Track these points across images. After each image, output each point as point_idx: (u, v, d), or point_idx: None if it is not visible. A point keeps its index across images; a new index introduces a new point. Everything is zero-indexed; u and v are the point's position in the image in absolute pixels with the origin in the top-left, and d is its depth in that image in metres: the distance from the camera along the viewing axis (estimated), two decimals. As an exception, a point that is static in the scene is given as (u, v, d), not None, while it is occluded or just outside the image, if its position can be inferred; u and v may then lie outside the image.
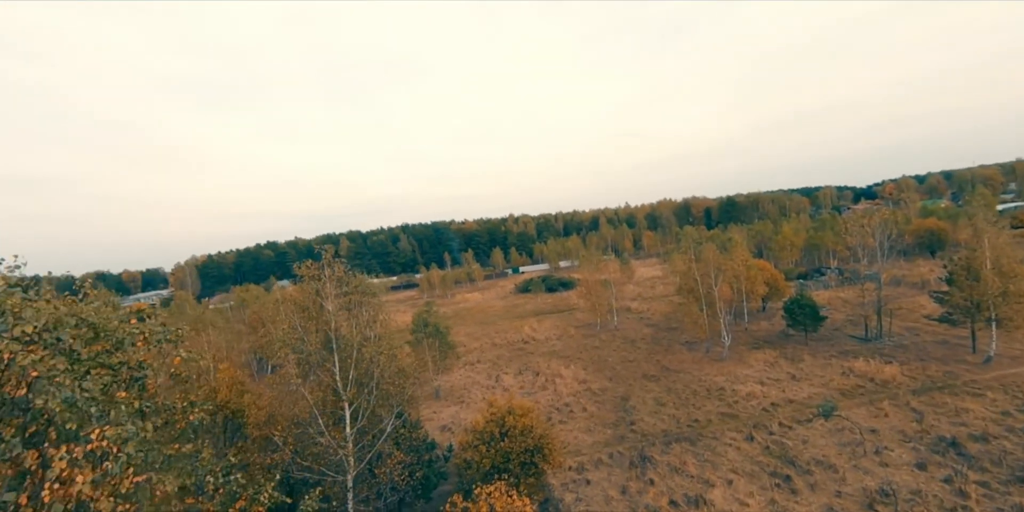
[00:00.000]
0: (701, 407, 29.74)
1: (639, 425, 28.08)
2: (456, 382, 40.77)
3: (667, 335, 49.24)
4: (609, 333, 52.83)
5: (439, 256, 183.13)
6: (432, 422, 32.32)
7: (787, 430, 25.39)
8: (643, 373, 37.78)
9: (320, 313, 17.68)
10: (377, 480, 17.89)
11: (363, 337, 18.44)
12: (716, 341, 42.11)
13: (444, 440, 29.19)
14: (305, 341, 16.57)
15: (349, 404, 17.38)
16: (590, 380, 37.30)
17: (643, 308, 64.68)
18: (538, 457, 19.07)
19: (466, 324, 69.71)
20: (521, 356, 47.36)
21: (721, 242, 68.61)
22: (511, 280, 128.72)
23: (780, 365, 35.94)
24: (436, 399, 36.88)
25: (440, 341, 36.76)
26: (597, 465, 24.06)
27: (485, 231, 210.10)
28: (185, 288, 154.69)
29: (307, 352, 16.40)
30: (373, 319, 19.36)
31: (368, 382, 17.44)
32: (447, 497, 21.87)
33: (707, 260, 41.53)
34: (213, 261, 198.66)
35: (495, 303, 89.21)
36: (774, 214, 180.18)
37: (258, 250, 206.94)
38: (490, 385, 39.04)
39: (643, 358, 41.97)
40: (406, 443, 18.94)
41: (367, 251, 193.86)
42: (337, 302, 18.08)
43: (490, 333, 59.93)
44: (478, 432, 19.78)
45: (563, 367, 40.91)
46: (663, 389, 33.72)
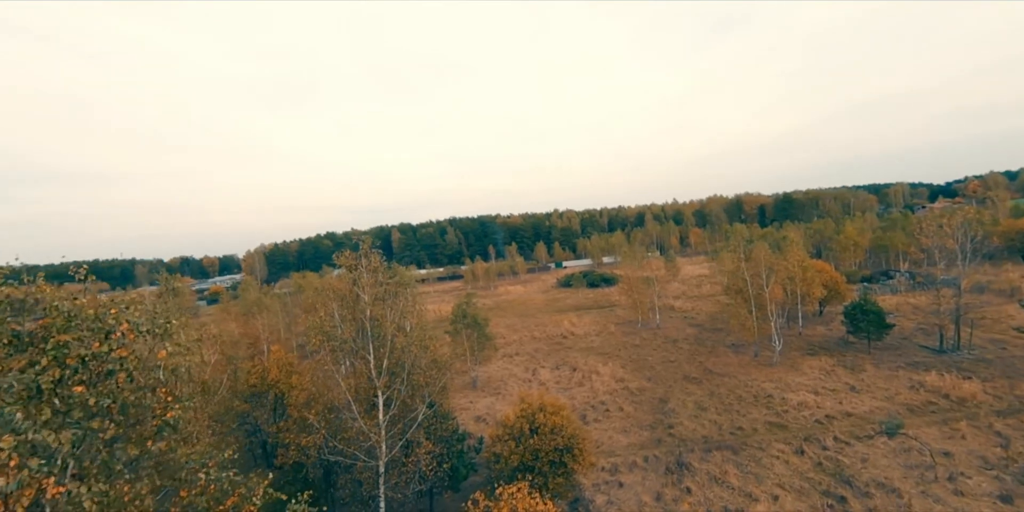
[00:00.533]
0: (746, 414, 27.57)
1: (678, 429, 26.45)
2: (493, 373, 40.53)
3: (712, 336, 46.43)
4: (650, 331, 50.64)
5: (484, 249, 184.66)
6: (468, 412, 32.24)
7: (844, 446, 22.92)
8: (684, 375, 35.73)
9: (356, 302, 17.68)
10: (408, 467, 17.79)
11: (397, 327, 18.30)
12: (766, 345, 39.12)
13: (478, 430, 28.97)
14: (341, 329, 16.60)
15: (382, 392, 17.33)
16: (628, 379, 35.76)
17: (687, 307, 61.55)
18: (567, 457, 18.22)
19: (507, 316, 69.50)
20: (559, 351, 46.39)
21: (775, 241, 63.81)
22: (553, 274, 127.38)
23: (837, 374, 32.72)
24: (473, 389, 36.80)
25: (478, 332, 36.53)
26: (631, 468, 22.84)
27: (530, 225, 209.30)
28: (254, 273, 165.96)
29: (342, 340, 16.42)
30: (407, 310, 19.18)
31: (400, 372, 17.28)
32: (477, 489, 21.60)
33: (758, 259, 38.50)
34: (279, 249, 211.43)
35: (536, 296, 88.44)
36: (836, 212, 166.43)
37: (318, 240, 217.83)
38: (527, 378, 38.45)
39: (685, 359, 39.75)
40: (436, 434, 18.69)
41: (416, 243, 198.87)
42: (372, 292, 18.01)
43: (530, 326, 59.31)
44: (508, 427, 19.20)
45: (601, 364, 39.56)
46: (705, 392, 31.66)
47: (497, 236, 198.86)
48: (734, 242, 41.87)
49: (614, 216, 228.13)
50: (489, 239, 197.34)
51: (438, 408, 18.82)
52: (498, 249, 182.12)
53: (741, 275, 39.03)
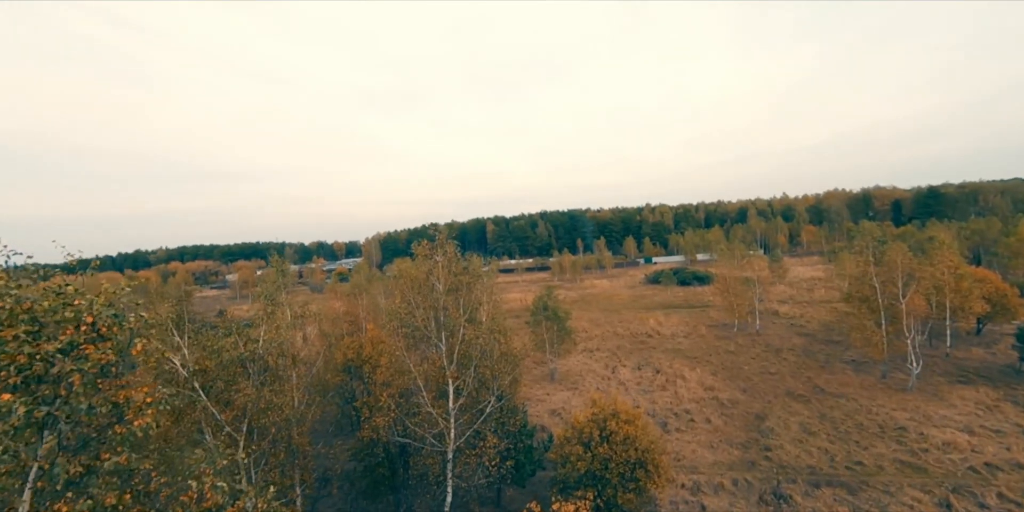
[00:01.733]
0: (869, 447, 22.26)
1: (777, 453, 22.28)
2: (572, 367, 38.73)
3: (825, 349, 39.11)
4: (748, 337, 44.41)
5: (573, 242, 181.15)
6: (543, 404, 31.02)
7: (1014, 507, 17.13)
8: (787, 390, 30.36)
9: (431, 292, 17.24)
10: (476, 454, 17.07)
11: (468, 318, 17.52)
12: (897, 365, 31.72)
13: (552, 424, 27.62)
14: (414, 316, 16.27)
15: (452, 380, 16.74)
16: (718, 388, 31.46)
17: (795, 313, 53.02)
18: (640, 472, 15.97)
19: (590, 310, 66.75)
20: (642, 350, 42.86)
21: (917, 242, 51.90)
22: (641, 270, 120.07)
23: (1003, 411, 25.05)
24: (551, 381, 35.46)
25: (558, 325, 34.95)
26: (717, 490, 19.66)
27: (619, 220, 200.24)
28: (370, 258, 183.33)
29: (414, 327, 16.08)
30: (479, 302, 18.32)
31: (468, 363, 16.50)
32: (544, 486, 20.30)
33: (893, 263, 31.07)
34: (390, 237, 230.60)
35: (622, 292, 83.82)
36: (1004, 209, 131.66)
37: (423, 230, 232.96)
38: (606, 375, 36.01)
39: (789, 372, 33.89)
40: (504, 427, 17.68)
41: (508, 234, 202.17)
42: (446, 282, 17.42)
43: (613, 322, 56.06)
44: (576, 430, 17.47)
45: (688, 368, 35.50)
46: (814, 414, 26.42)
47: (586, 230, 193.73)
48: (861, 242, 34.27)
49: (712, 211, 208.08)
50: (578, 233, 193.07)
51: (507, 401, 17.76)
52: (586, 243, 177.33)
53: (869, 281, 31.88)
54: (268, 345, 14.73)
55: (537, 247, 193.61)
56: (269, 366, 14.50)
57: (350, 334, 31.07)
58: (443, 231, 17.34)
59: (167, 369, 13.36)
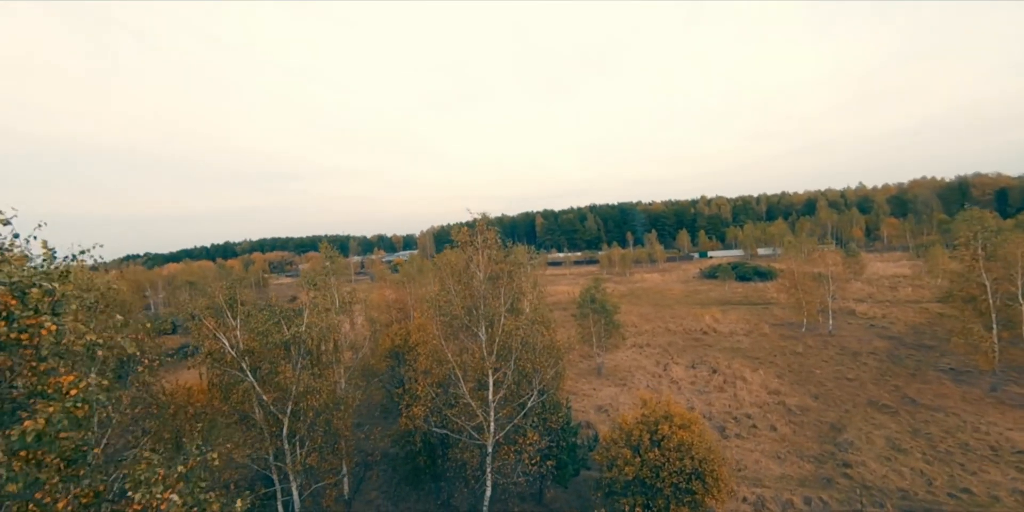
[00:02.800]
0: (977, 472, 18.45)
1: (859, 471, 19.11)
2: (621, 362, 36.54)
3: (915, 354, 33.77)
4: (818, 338, 39.58)
5: (622, 236, 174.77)
6: (589, 399, 29.33)
7: None
8: (869, 399, 26.34)
9: (470, 279, 16.21)
10: (516, 450, 15.96)
11: (509, 308, 16.31)
12: (1013, 377, 26.49)
13: (598, 420, 25.94)
14: (452, 304, 15.33)
15: (492, 372, 15.69)
16: (785, 392, 28.02)
17: (875, 313, 46.67)
18: (697, 484, 14.00)
19: (640, 304, 63.39)
20: (697, 347, 39.59)
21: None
22: (696, 264, 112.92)
23: None
24: (598, 376, 33.61)
25: (606, 319, 32.92)
26: (785, 508, 17.11)
27: (672, 212, 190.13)
28: (424, 250, 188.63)
29: (452, 315, 15.13)
30: (522, 291, 17.03)
31: (509, 355, 15.32)
32: (587, 487, 18.79)
33: (1012, 257, 25.75)
34: (444, 230, 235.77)
35: (675, 286, 79.02)
36: None
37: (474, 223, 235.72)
38: (657, 373, 33.51)
39: (871, 379, 29.51)
40: (545, 424, 16.37)
41: (557, 228, 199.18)
42: (486, 270, 16.30)
43: (664, 317, 52.65)
44: (624, 431, 15.75)
45: (749, 369, 32.09)
46: (903, 428, 22.56)
47: (636, 223, 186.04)
48: (966, 233, 28.74)
49: (775, 203, 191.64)
50: (628, 226, 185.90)
51: (550, 397, 16.42)
52: (637, 236, 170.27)
53: (977, 278, 26.73)
54: (311, 330, 14.45)
55: (586, 240, 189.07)
56: (311, 350, 14.21)
57: (398, 321, 31.17)
58: (483, 218, 16.18)
59: (217, 348, 13.42)
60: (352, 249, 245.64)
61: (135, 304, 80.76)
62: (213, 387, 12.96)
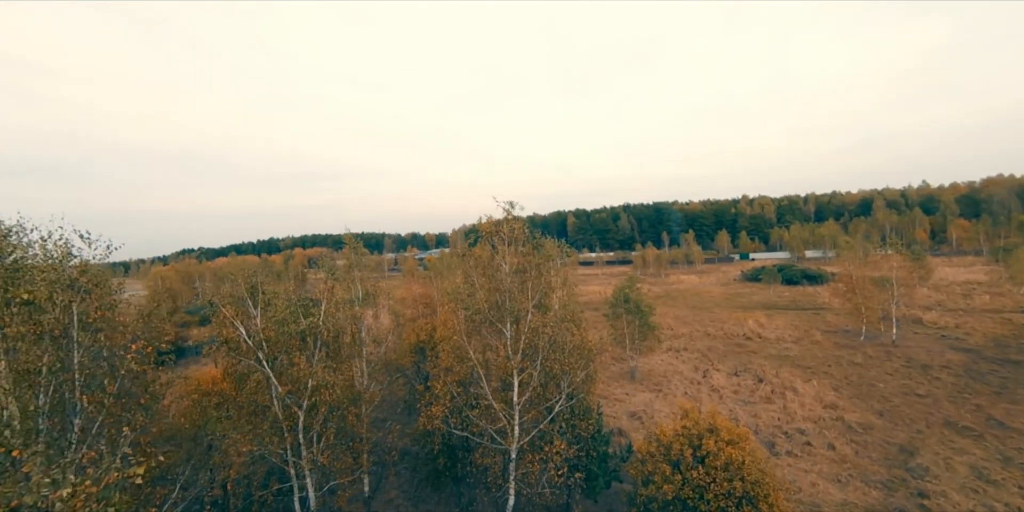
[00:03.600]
0: (1094, 513, 15.43)
1: (938, 502, 16.50)
2: (656, 366, 34.41)
3: (999, 370, 29.69)
4: (881, 349, 35.77)
5: (657, 236, 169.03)
6: (621, 404, 27.58)
7: None
8: (946, 419, 23.14)
9: (495, 273, 15.09)
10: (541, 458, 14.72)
11: (536, 304, 15.06)
12: None
13: (631, 428, 24.22)
14: (476, 298, 14.24)
15: (517, 372, 14.52)
16: (844, 407, 25.17)
17: (947, 322, 41.85)
18: (748, 510, 12.22)
19: (676, 306, 60.35)
20: (740, 354, 36.78)
21: None
22: (736, 266, 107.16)
23: None
24: (631, 380, 31.71)
25: (640, 320, 30.97)
26: (848, 541, 14.90)
27: (711, 212, 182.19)
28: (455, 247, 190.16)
29: (475, 309, 14.05)
30: (550, 286, 15.74)
31: (535, 354, 14.08)
32: (619, 501, 17.25)
33: None
34: (475, 229, 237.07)
35: (714, 289, 74.94)
36: None
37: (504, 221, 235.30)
38: (695, 379, 31.22)
39: (946, 396, 26.06)
40: (573, 431, 15.00)
41: (589, 227, 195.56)
42: (512, 263, 15.14)
43: (703, 320, 49.67)
44: (663, 444, 14.13)
45: (800, 379, 29.25)
46: (991, 455, 19.49)
47: (672, 222, 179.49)
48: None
49: (824, 203, 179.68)
50: (663, 226, 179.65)
51: (580, 401, 15.03)
52: (672, 236, 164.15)
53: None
54: (327, 320, 13.79)
55: (619, 240, 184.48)
56: (327, 342, 13.54)
57: (424, 316, 30.57)
58: (509, 206, 15.01)
59: (234, 337, 12.97)
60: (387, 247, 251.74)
61: (185, 293, 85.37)
62: (228, 376, 12.48)
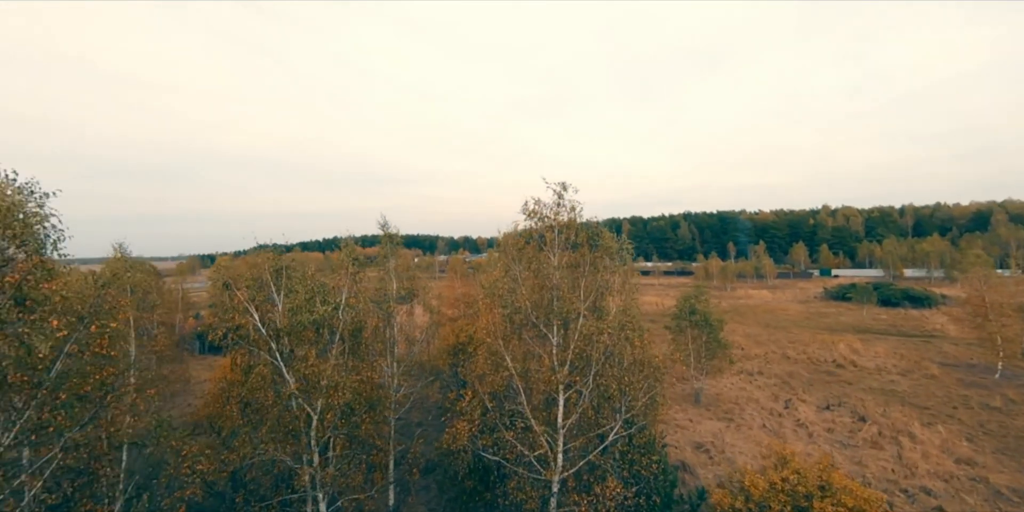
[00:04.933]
0: None
1: None
2: (725, 390, 29.84)
3: None
4: (1022, 390, 28.44)
5: (721, 246, 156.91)
6: (684, 432, 23.71)
7: None
8: None
9: (542, 266, 12.62)
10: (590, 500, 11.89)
11: (590, 306, 12.37)
12: None
13: (697, 462, 20.45)
14: (516, 294, 11.84)
15: (564, 388, 11.90)
16: (984, 464, 19.52)
17: (1119, 363, 32.76)
18: None
19: (746, 323, 53.92)
20: (830, 383, 31.06)
21: None
22: (816, 282, 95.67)
23: None
24: (695, 404, 27.56)
25: (709, 334, 26.86)
26: None
27: (784, 223, 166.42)
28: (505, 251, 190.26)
29: (515, 308, 11.64)
30: (607, 286, 12.98)
31: (585, 368, 11.37)
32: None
33: None
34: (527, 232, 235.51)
35: (791, 306, 66.66)
36: None
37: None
38: (775, 410, 26.41)
39: None
40: (631, 468, 12.01)
41: (645, 235, 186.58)
42: (563, 256, 12.60)
43: (780, 340, 43.50)
44: (754, 502, 10.73)
45: (917, 422, 23.55)
46: None
47: (739, 233, 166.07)
48: None
49: (926, 216, 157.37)
50: (728, 236, 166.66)
51: (642, 432, 12.04)
52: (739, 247, 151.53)
53: None
54: (347, 311, 12.07)
55: (678, 250, 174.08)
56: (344, 337, 11.79)
57: (466, 316, 28.70)
58: (560, 186, 12.51)
59: (246, 324, 11.61)
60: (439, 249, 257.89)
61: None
62: (236, 368, 11.06)
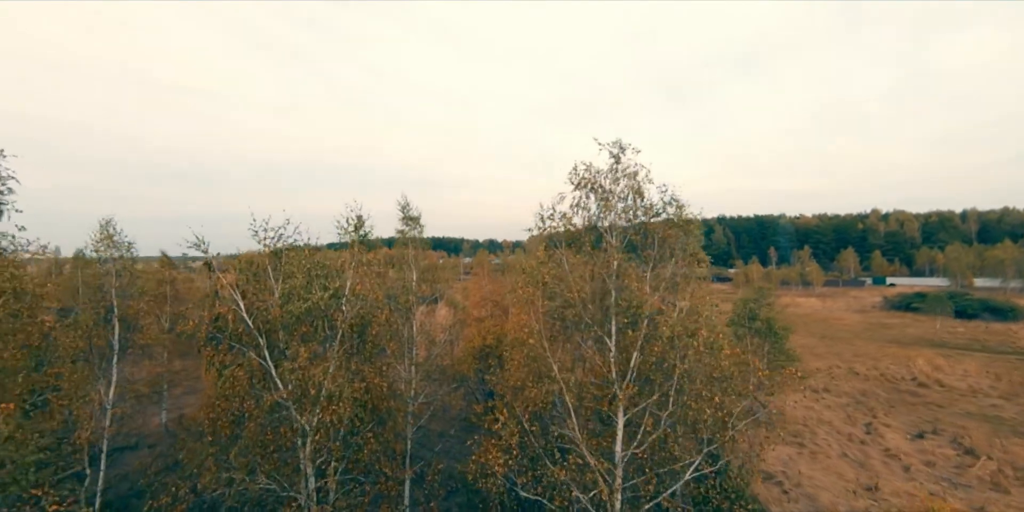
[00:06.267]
0: None
1: None
2: (789, 409, 25.95)
3: None
4: None
5: (761, 252, 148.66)
6: (744, 457, 20.17)
7: None
8: None
9: (596, 250, 9.90)
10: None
11: (663, 301, 9.57)
12: None
13: (770, 497, 17.05)
14: (564, 283, 9.15)
15: (624, 407, 9.11)
16: None
17: None
18: None
19: (798, 334, 48.85)
20: (914, 405, 26.64)
21: None
22: (870, 291, 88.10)
23: None
24: (756, 425, 23.82)
25: (773, 344, 23.25)
26: None
27: (830, 228, 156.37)
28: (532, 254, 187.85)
29: (566, 301, 8.94)
30: (681, 278, 10.15)
31: (655, 381, 8.54)
32: None
33: None
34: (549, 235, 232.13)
35: (846, 316, 60.77)
36: None
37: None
38: (853, 434, 22.46)
39: None
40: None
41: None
42: (622, 236, 9.86)
43: (843, 354, 38.82)
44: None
45: (1046, 459, 19.17)
46: None
47: (780, 238, 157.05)
48: None
49: (992, 220, 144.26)
50: (768, 241, 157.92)
51: (735, 473, 9.08)
52: (781, 253, 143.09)
53: None
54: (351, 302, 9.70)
55: (712, 255, 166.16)
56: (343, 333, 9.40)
57: (494, 316, 26.19)
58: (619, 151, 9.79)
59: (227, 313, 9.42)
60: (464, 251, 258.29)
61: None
62: (211, 367, 8.84)
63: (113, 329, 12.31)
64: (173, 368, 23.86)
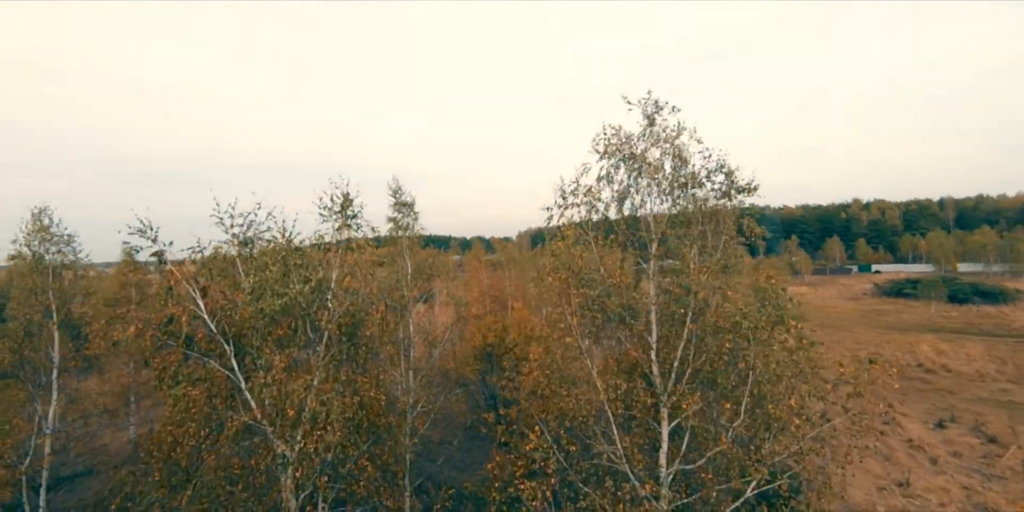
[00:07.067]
0: None
1: None
2: (798, 401, 25.03)
3: None
4: None
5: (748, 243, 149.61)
6: (764, 454, 19.06)
7: None
8: None
9: (632, 228, 8.37)
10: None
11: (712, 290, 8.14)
12: None
13: (791, 497, 15.83)
14: (597, 268, 7.59)
15: (669, 415, 7.68)
16: None
17: None
18: None
19: (796, 322, 48.57)
20: (925, 392, 26.04)
21: None
22: (858, 278, 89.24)
23: None
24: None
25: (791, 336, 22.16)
26: None
27: (813, 218, 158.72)
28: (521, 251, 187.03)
29: (606, 290, 7.37)
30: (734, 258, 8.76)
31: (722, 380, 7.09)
32: None
33: None
34: (540, 232, 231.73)
35: (840, 304, 60.99)
36: None
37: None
38: (873, 426, 21.54)
39: None
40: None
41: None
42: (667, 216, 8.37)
43: (844, 342, 38.32)
44: None
45: (1074, 445, 18.50)
46: None
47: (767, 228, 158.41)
48: None
49: (969, 208, 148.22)
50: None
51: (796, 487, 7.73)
52: (768, 244, 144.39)
53: None
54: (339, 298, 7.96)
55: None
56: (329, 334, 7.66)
57: (493, 313, 24.59)
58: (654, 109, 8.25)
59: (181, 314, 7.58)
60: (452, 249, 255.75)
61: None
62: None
63: (52, 338, 10.33)
64: (140, 379, 21.65)
